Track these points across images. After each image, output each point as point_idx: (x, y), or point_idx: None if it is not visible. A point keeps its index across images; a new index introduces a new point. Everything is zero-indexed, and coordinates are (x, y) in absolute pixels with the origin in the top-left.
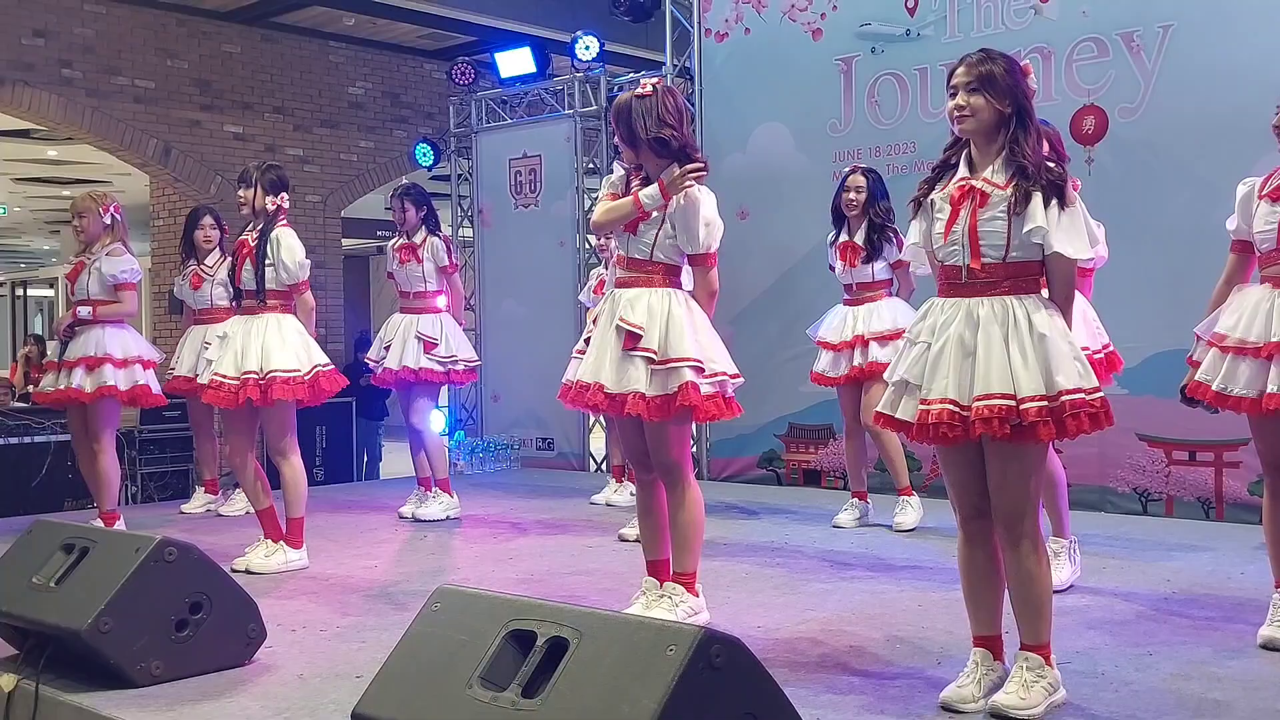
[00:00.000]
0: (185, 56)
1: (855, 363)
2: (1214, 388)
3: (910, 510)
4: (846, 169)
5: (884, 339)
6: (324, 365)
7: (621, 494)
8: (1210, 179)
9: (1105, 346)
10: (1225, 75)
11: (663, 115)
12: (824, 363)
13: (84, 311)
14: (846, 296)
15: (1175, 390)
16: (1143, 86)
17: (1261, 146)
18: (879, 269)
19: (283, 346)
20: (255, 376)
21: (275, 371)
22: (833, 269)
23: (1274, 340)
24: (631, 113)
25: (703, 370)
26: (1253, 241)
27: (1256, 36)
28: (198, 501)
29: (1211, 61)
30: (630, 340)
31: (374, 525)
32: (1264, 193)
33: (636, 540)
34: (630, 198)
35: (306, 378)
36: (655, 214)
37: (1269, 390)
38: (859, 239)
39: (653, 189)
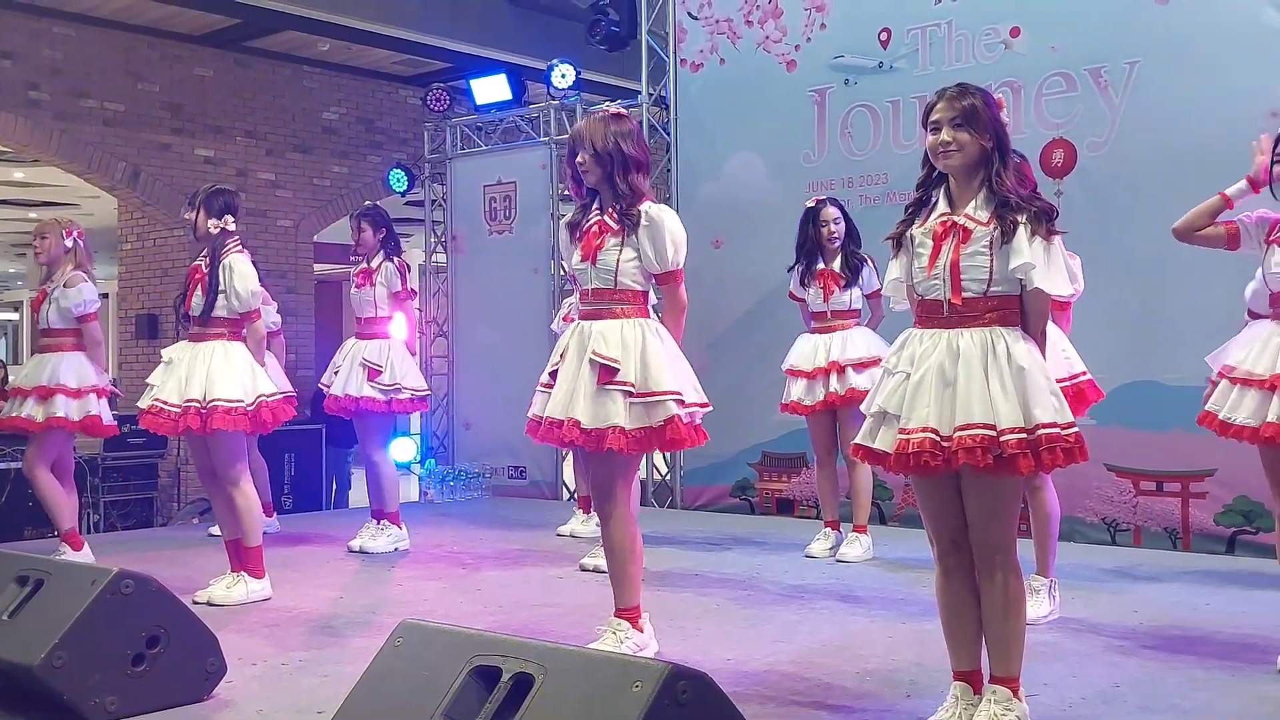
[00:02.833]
0: (156, 79)
1: (832, 389)
2: (1220, 417)
3: (859, 546)
4: (811, 203)
5: (861, 366)
6: (269, 396)
7: (588, 525)
8: (1176, 212)
9: (1074, 377)
10: (1189, 110)
11: (639, 140)
12: (798, 391)
13: None
14: (815, 325)
15: (1143, 421)
16: (1110, 121)
17: (1225, 181)
18: (855, 296)
19: (228, 376)
20: (197, 405)
21: (218, 401)
22: (797, 299)
23: (1278, 372)
24: (618, 135)
25: (684, 402)
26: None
27: (1219, 73)
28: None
29: (1176, 97)
30: (606, 374)
31: (339, 556)
32: (1273, 238)
33: (596, 570)
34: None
35: (250, 408)
36: (612, 240)
37: (1269, 420)
38: (837, 266)
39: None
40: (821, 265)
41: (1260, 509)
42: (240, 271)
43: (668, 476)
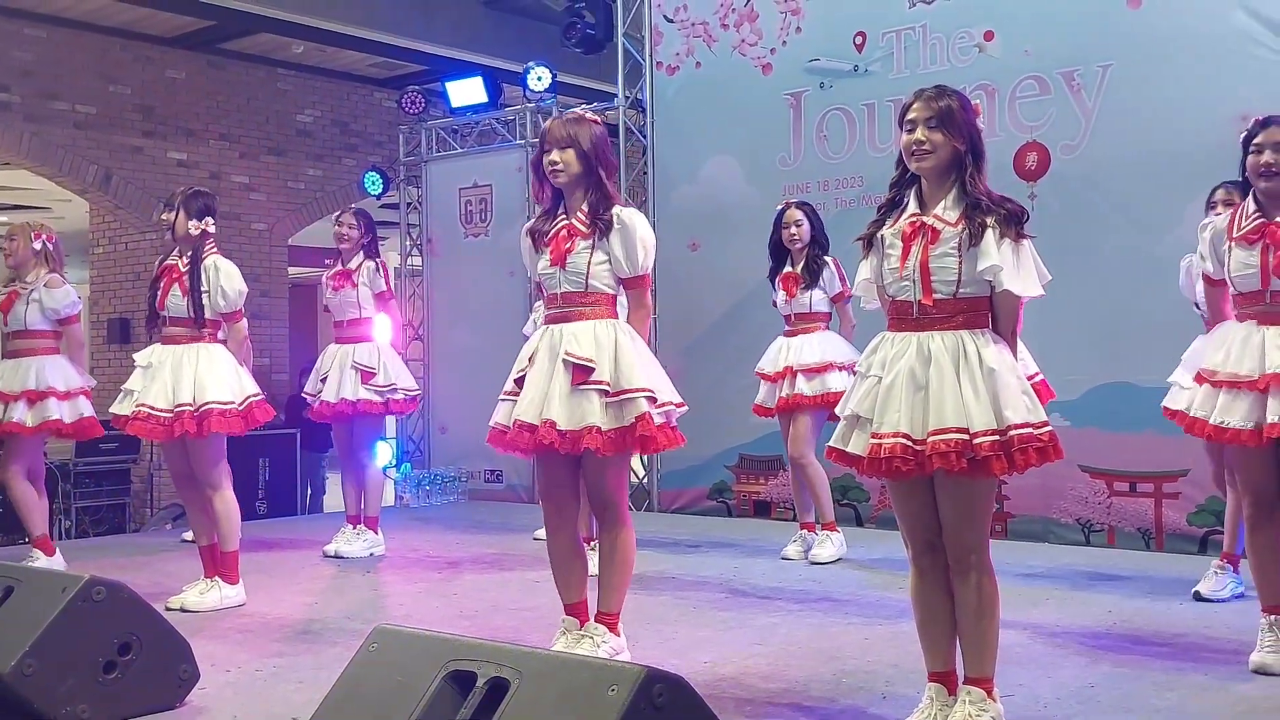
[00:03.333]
0: (128, 81)
1: (783, 393)
2: (1212, 422)
3: (830, 545)
4: (780, 205)
5: (810, 371)
6: (255, 395)
7: None
8: (1148, 215)
9: (1029, 378)
10: (1161, 114)
11: (610, 145)
12: (761, 394)
13: None
14: (786, 328)
15: (1117, 422)
16: (1083, 124)
17: (1196, 183)
18: (816, 300)
19: (216, 378)
20: (190, 409)
21: (211, 404)
22: (775, 304)
23: (1270, 372)
24: (602, 138)
25: (655, 400)
26: (1226, 280)
27: (1191, 78)
28: None
29: (1148, 100)
30: (580, 374)
31: (314, 561)
32: (1236, 236)
33: None
34: None
35: (240, 409)
36: (583, 243)
37: (1269, 420)
38: (799, 269)
39: None
40: (789, 269)
41: None
42: (226, 271)
43: (645, 479)
